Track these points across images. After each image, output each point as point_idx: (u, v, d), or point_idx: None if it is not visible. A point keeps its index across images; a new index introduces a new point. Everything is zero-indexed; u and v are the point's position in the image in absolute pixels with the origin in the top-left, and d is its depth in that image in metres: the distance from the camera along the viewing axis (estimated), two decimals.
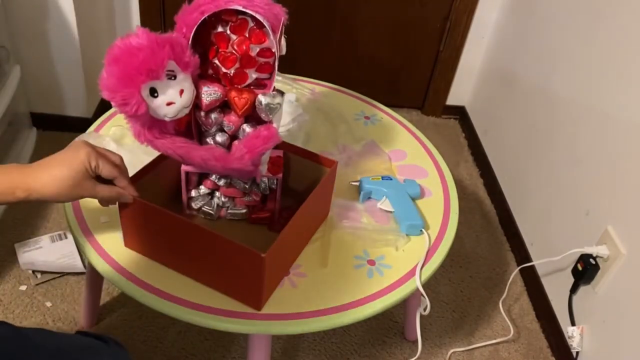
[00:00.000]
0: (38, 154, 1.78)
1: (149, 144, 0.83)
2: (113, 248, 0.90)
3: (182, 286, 0.86)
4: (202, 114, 0.85)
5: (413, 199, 1.07)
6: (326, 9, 2.02)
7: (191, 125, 0.87)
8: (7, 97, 1.57)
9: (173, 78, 0.77)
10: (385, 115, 1.35)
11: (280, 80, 1.36)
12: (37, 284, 1.36)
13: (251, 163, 0.83)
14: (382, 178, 1.08)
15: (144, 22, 1.96)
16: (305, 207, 0.86)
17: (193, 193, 0.95)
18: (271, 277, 0.83)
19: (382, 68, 2.18)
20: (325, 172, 0.96)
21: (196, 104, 0.83)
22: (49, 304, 1.33)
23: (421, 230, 1.01)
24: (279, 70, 0.87)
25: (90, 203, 0.98)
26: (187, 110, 0.80)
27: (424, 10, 2.03)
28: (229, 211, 0.97)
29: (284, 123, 0.84)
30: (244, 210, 0.97)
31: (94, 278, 1.20)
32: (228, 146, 0.88)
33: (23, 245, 1.42)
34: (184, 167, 0.91)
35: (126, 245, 0.91)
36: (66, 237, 1.46)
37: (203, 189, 0.95)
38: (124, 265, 0.88)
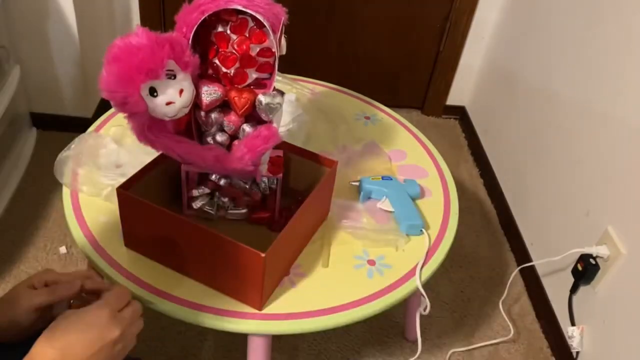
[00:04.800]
0: (38, 154, 1.78)
1: (148, 144, 0.83)
2: (113, 248, 0.90)
3: (182, 286, 0.86)
4: (202, 113, 0.85)
5: (413, 199, 1.07)
6: (326, 8, 2.02)
7: (191, 125, 0.87)
8: (7, 97, 1.57)
9: (173, 77, 0.76)
10: (385, 115, 1.35)
11: (280, 80, 1.36)
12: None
13: (251, 163, 0.83)
14: (382, 178, 1.08)
15: (144, 22, 1.96)
16: (305, 207, 0.86)
17: (193, 193, 0.95)
18: (271, 277, 0.83)
19: (382, 68, 2.18)
20: (326, 172, 0.95)
21: (196, 103, 0.83)
22: None
23: (421, 230, 1.01)
24: (279, 70, 0.87)
25: (90, 203, 0.98)
26: (186, 110, 0.80)
27: (424, 10, 2.03)
28: (229, 211, 0.97)
29: (284, 123, 0.84)
30: (244, 210, 0.97)
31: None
32: (228, 146, 0.88)
33: None
34: (184, 167, 0.91)
35: (126, 245, 0.91)
36: None
37: (203, 189, 0.95)
38: (124, 265, 0.88)
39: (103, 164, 1.05)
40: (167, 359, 1.25)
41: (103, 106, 1.88)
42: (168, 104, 0.77)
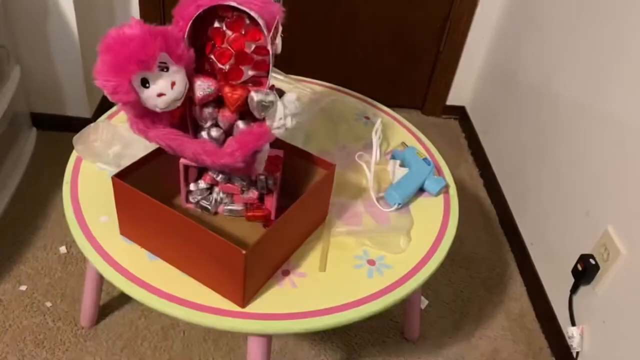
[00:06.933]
0: (38, 154, 1.78)
1: (141, 134, 0.83)
2: (113, 248, 0.90)
3: (182, 286, 0.86)
4: (197, 107, 0.85)
5: (423, 189, 1.10)
6: (326, 9, 2.02)
7: (185, 118, 0.88)
8: (7, 97, 1.57)
9: (165, 70, 0.77)
10: (385, 115, 1.35)
11: (282, 80, 1.36)
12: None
13: (242, 160, 0.83)
14: (425, 159, 1.13)
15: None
16: (296, 207, 0.86)
17: (192, 187, 0.96)
18: (255, 275, 0.83)
19: (382, 68, 2.18)
20: (323, 173, 0.95)
21: (191, 97, 0.84)
22: (49, 304, 1.33)
23: (398, 203, 1.04)
24: (279, 69, 0.87)
25: (90, 203, 0.98)
26: (178, 103, 0.81)
27: (424, 10, 2.03)
28: (226, 207, 0.97)
29: (278, 121, 0.84)
30: (241, 207, 0.96)
31: (94, 278, 1.20)
32: (223, 142, 0.88)
33: None
34: (182, 161, 0.91)
35: (121, 232, 0.91)
36: None
37: (202, 184, 0.95)
38: (124, 265, 0.88)
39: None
40: (168, 358, 1.25)
41: (103, 106, 1.88)
42: (159, 95, 0.77)
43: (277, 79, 1.34)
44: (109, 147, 1.07)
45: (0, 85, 1.56)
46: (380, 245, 0.97)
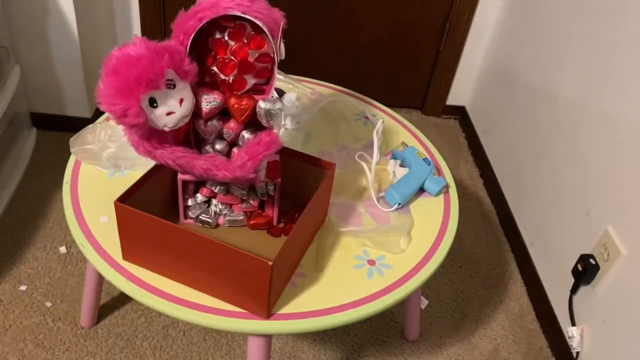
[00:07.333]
0: (38, 154, 1.78)
1: (147, 155, 0.81)
2: (113, 248, 0.90)
3: (182, 286, 0.86)
4: (201, 122, 0.84)
5: (423, 189, 1.10)
6: (326, 9, 2.02)
7: (189, 134, 0.87)
8: (7, 97, 1.57)
9: (172, 87, 0.75)
10: (385, 115, 1.35)
11: (282, 80, 1.36)
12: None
13: (254, 170, 0.82)
14: (425, 159, 1.14)
15: (144, 21, 1.96)
16: (307, 212, 0.85)
17: (189, 202, 0.94)
18: (276, 285, 0.82)
19: (382, 68, 2.18)
20: (322, 174, 0.95)
21: (195, 112, 0.82)
22: (49, 304, 1.33)
23: (398, 204, 1.05)
24: (279, 69, 0.86)
25: (90, 203, 0.98)
26: (186, 120, 0.79)
27: (424, 10, 2.03)
28: (227, 218, 0.95)
29: (283, 123, 0.83)
30: (242, 217, 0.96)
31: (94, 278, 1.20)
32: (227, 153, 0.88)
33: None
34: (181, 176, 0.90)
35: (124, 258, 0.89)
36: None
37: (200, 197, 0.94)
38: (124, 265, 0.88)
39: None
40: (168, 357, 1.25)
41: None
42: (168, 114, 0.76)
43: (277, 79, 1.34)
44: (103, 149, 1.07)
45: (0, 85, 1.56)
46: (380, 245, 0.97)
